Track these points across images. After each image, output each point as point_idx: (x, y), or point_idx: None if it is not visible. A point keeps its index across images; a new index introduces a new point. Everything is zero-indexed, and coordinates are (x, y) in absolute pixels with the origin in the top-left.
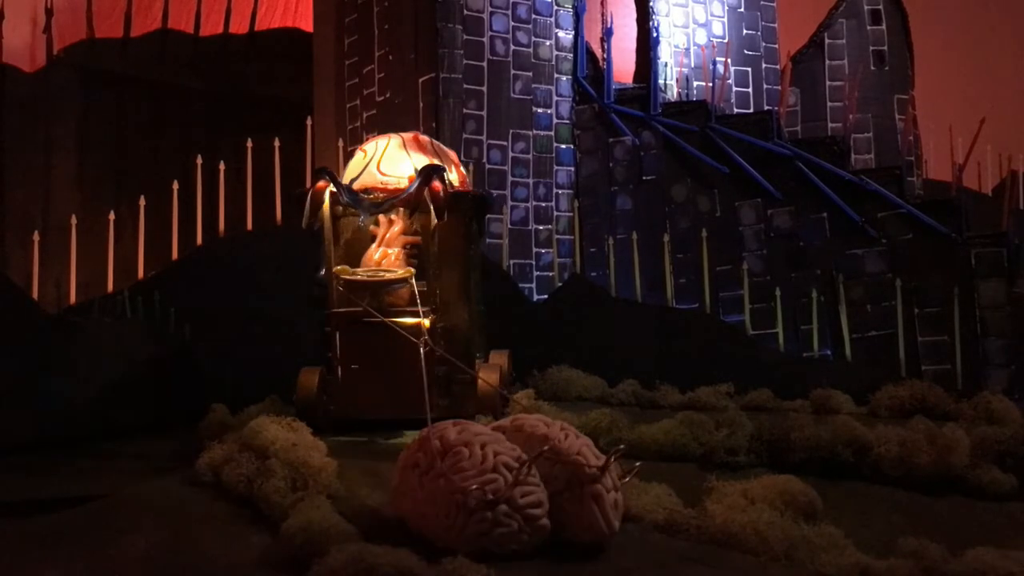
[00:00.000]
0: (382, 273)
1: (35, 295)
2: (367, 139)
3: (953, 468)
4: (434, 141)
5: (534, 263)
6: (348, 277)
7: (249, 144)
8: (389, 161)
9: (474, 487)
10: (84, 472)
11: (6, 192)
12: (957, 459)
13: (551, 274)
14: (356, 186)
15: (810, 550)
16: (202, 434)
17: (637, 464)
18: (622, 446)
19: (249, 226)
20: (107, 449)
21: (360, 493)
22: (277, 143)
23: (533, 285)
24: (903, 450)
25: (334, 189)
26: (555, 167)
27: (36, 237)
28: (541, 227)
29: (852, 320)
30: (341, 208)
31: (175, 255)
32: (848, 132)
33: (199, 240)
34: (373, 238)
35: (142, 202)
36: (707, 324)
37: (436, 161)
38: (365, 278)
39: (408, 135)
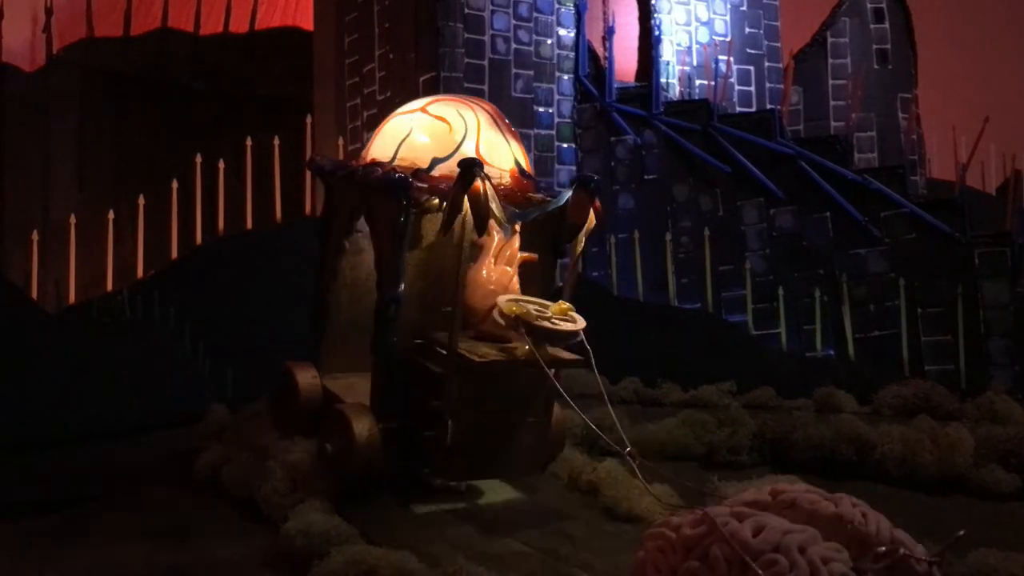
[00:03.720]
0: (547, 312)
1: (35, 295)
2: (434, 100)
3: (957, 468)
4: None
5: None
6: (537, 323)
7: (249, 143)
8: (489, 145)
9: None
10: (83, 472)
11: (6, 192)
12: (961, 458)
13: None
14: (443, 171)
15: None
16: (202, 434)
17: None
18: (962, 532)
19: (249, 225)
20: (106, 449)
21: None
22: (277, 142)
23: None
24: (906, 449)
25: (486, 187)
26: (556, 166)
27: (35, 237)
28: None
29: (855, 320)
30: (436, 200)
31: (175, 254)
32: (851, 131)
33: (199, 239)
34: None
35: (141, 201)
36: (709, 324)
37: (523, 147)
38: (542, 323)
39: (490, 107)
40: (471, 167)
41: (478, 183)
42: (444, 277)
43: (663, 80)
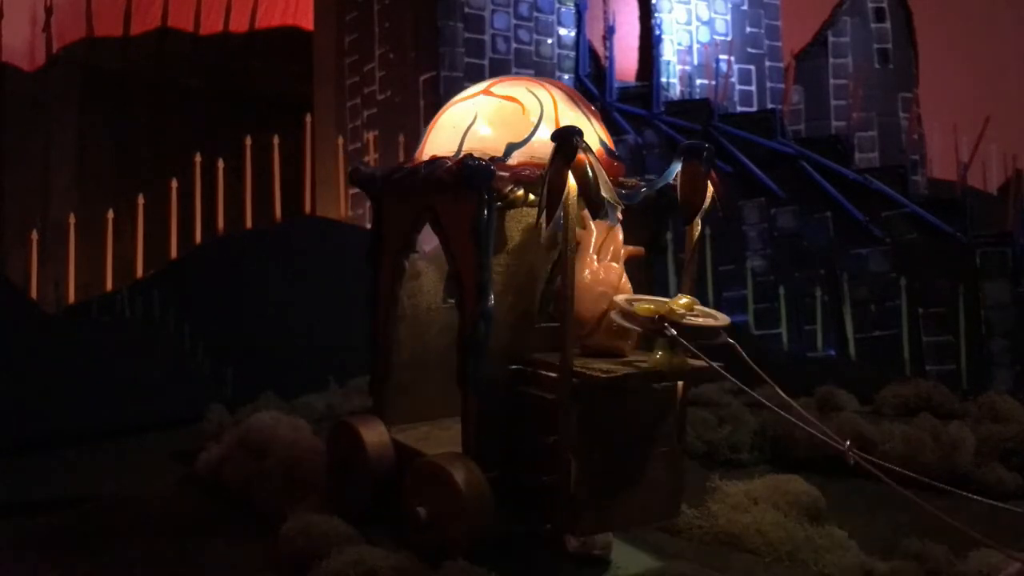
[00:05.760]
0: (683, 309)
1: (34, 295)
2: (497, 81)
3: (958, 466)
4: None
5: None
6: (692, 322)
7: (248, 142)
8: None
9: None
10: (83, 472)
11: (6, 192)
12: (962, 457)
13: None
14: (521, 158)
15: (814, 551)
16: (202, 434)
17: None
18: None
19: (248, 224)
20: (106, 449)
21: None
22: (276, 141)
23: None
24: (907, 448)
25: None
26: None
27: (35, 236)
28: None
29: (856, 320)
30: (521, 192)
31: (174, 254)
32: (852, 130)
33: (198, 239)
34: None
35: (141, 201)
36: None
37: (604, 127)
38: (691, 320)
39: (562, 85)
40: (571, 135)
41: (582, 155)
42: (535, 286)
43: (664, 79)
